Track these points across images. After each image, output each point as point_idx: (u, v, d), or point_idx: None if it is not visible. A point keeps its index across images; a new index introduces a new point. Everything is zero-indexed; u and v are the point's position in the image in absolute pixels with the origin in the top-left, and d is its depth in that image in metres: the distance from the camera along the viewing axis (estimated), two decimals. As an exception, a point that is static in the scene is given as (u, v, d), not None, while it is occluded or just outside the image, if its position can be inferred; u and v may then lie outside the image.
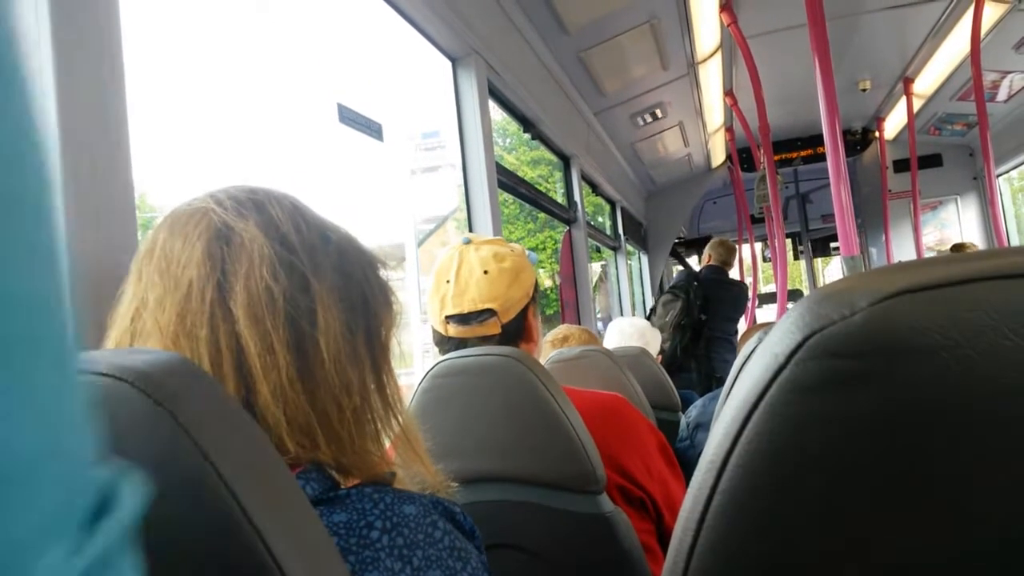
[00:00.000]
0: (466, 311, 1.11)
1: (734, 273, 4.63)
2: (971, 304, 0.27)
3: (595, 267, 5.00)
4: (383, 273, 0.63)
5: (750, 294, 4.85)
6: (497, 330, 1.12)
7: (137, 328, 0.55)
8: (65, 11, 0.84)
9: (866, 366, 0.27)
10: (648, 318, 4.27)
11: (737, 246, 6.25)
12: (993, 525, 0.27)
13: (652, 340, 2.70)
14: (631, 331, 2.69)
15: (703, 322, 4.03)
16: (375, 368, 0.60)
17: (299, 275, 0.55)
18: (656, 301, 4.33)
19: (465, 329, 1.12)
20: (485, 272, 1.12)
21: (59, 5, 0.83)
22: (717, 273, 4.22)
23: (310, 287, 0.55)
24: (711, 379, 4.04)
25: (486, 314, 1.11)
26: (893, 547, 0.28)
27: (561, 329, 2.13)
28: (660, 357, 2.74)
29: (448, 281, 1.13)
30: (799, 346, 0.29)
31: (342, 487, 0.54)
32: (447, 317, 1.13)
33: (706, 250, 4.36)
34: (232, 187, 0.60)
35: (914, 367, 0.27)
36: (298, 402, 0.53)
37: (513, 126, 3.09)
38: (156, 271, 0.55)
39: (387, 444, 0.62)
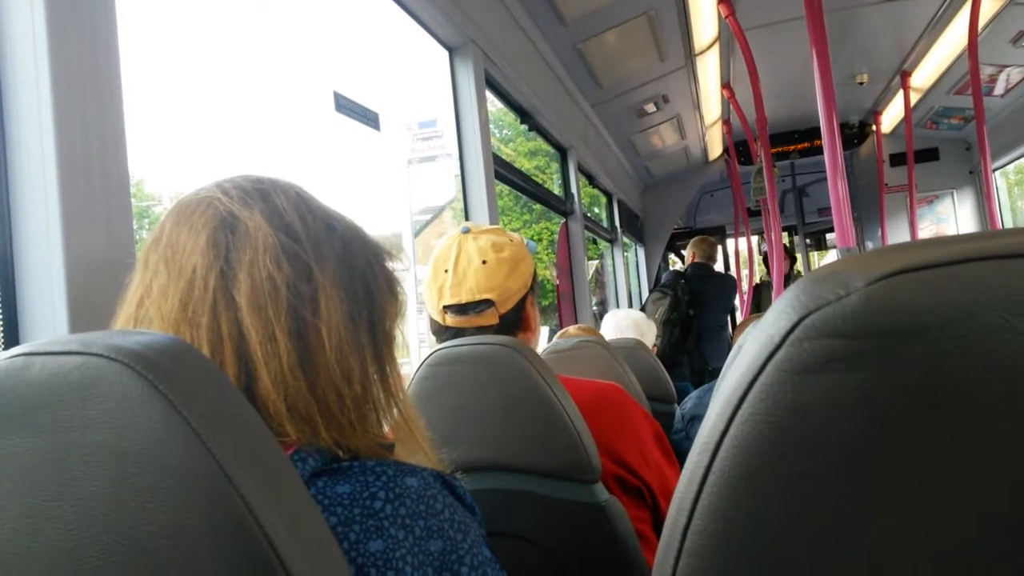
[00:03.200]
0: (464, 301, 1.11)
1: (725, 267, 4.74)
2: (966, 284, 0.27)
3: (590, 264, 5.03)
4: (388, 263, 0.63)
5: (736, 284, 4.93)
6: (495, 320, 1.12)
7: (140, 316, 0.56)
8: (60, 3, 0.83)
9: (861, 346, 0.27)
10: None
11: (724, 241, 6.29)
12: (991, 505, 0.27)
13: (647, 332, 2.70)
14: (627, 323, 2.69)
15: (692, 317, 4.14)
16: (377, 357, 0.60)
17: (303, 264, 0.56)
18: (645, 299, 4.45)
19: (463, 319, 1.12)
20: (484, 262, 1.11)
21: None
22: (702, 269, 4.40)
23: (313, 276, 0.56)
24: (703, 372, 4.14)
25: (484, 304, 1.11)
26: (890, 527, 0.28)
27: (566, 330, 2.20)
28: (655, 349, 2.75)
29: (446, 271, 1.13)
30: (794, 326, 0.29)
31: (343, 460, 0.54)
32: (445, 307, 1.13)
33: (688, 248, 4.56)
34: (239, 176, 0.60)
35: (909, 347, 0.27)
36: (299, 390, 0.53)
37: (509, 117, 3.09)
38: (161, 259, 0.56)
39: (386, 429, 0.62)
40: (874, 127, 5.35)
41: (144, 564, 0.36)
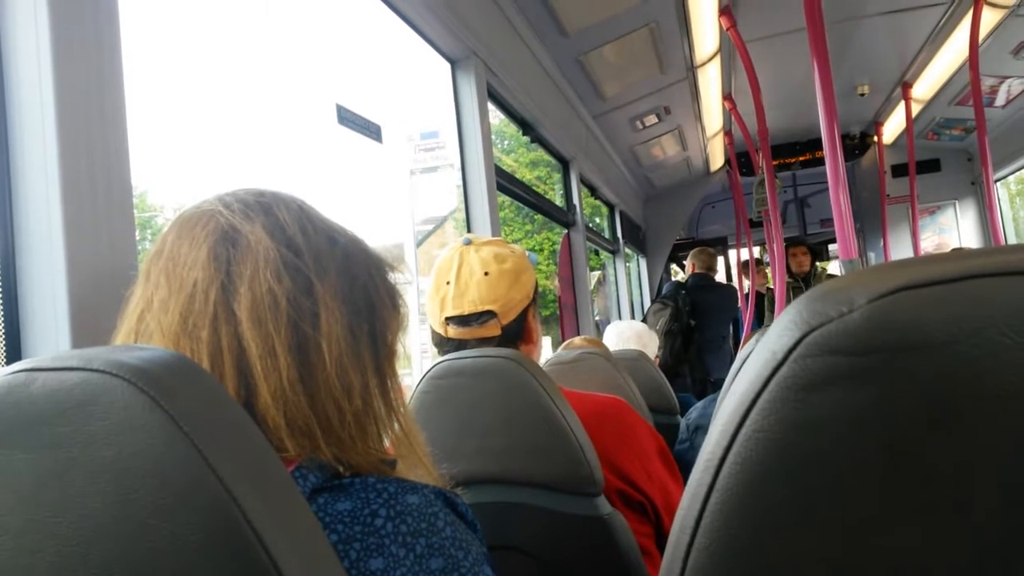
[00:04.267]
0: (466, 312, 1.11)
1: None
2: (969, 301, 0.27)
3: (592, 274, 5.04)
4: (390, 276, 0.63)
5: (738, 295, 4.94)
6: (497, 332, 1.12)
7: (141, 329, 0.56)
8: (64, 12, 0.84)
9: (864, 363, 0.27)
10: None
11: (727, 252, 6.29)
12: (992, 522, 0.27)
13: (649, 343, 2.70)
14: (629, 334, 2.69)
15: (692, 327, 4.16)
16: (378, 371, 0.60)
17: (303, 278, 0.55)
18: (646, 310, 4.47)
19: (465, 331, 1.12)
20: (486, 273, 1.11)
21: (58, 5, 0.83)
22: (703, 280, 4.46)
23: (314, 290, 0.55)
24: (705, 383, 4.16)
25: (486, 316, 1.11)
26: (894, 543, 0.28)
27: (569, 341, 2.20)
28: (657, 360, 2.75)
29: (448, 282, 1.13)
30: (797, 343, 0.29)
31: (344, 476, 0.54)
32: (447, 319, 1.13)
33: (688, 260, 4.63)
34: (240, 190, 0.60)
35: (912, 364, 0.27)
36: (299, 405, 0.53)
37: (511, 128, 3.10)
38: (162, 272, 0.56)
39: (387, 443, 0.62)
40: (875, 138, 5.36)
41: (145, 581, 0.36)
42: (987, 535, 0.27)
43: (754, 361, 0.30)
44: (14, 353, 0.83)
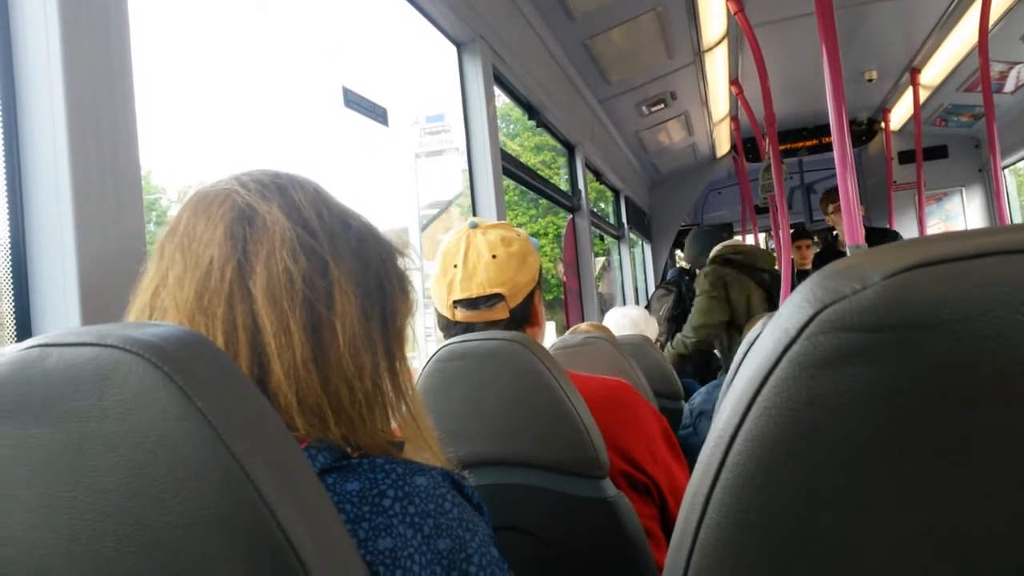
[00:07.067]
0: (475, 295, 1.11)
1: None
2: (983, 278, 0.26)
3: (597, 260, 5.03)
4: (400, 262, 0.64)
5: None
6: (505, 314, 1.12)
7: (155, 305, 0.56)
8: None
9: (877, 340, 0.27)
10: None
11: (731, 238, 6.29)
12: (1002, 500, 0.27)
13: (646, 329, 2.71)
14: (624, 321, 2.70)
15: None
16: (388, 354, 0.61)
17: (319, 259, 0.56)
18: (650, 297, 4.47)
19: (473, 314, 1.12)
20: (494, 256, 1.11)
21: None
22: None
23: (329, 271, 0.56)
24: (708, 368, 4.13)
25: (495, 299, 1.11)
26: (904, 520, 0.28)
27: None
28: (657, 345, 2.76)
29: (455, 265, 1.13)
30: (810, 320, 0.29)
31: (352, 457, 0.55)
32: (455, 302, 1.13)
33: None
34: (256, 170, 0.61)
35: (925, 341, 0.27)
36: (311, 383, 0.54)
37: (516, 112, 3.09)
38: (178, 249, 0.56)
39: (394, 426, 0.62)
40: (883, 124, 5.32)
41: (160, 553, 0.36)
42: (997, 512, 0.27)
43: (766, 338, 0.30)
44: (24, 332, 0.84)
